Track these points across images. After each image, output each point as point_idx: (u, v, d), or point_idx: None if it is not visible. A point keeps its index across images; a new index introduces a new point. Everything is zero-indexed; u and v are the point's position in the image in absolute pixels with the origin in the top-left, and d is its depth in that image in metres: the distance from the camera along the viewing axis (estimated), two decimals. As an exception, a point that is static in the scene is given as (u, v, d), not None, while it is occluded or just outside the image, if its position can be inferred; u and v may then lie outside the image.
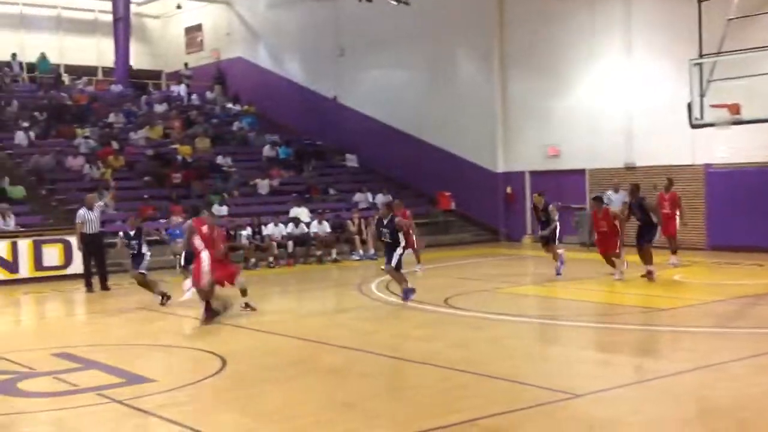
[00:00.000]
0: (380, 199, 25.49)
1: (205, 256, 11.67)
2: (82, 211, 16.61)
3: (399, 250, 13.08)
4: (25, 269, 18.24)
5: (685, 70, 18.02)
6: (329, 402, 7.63)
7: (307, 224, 21.62)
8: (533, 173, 24.80)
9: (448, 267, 18.99)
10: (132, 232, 14.47)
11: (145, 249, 14.49)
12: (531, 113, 24.55)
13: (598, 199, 15.74)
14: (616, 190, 19.88)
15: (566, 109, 23.52)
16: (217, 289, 12.09)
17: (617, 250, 15.05)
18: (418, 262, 17.67)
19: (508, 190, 25.02)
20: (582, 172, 23.45)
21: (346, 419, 7.04)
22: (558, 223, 16.30)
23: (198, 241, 11.78)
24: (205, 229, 11.90)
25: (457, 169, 25.84)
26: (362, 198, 25.14)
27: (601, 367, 9.10)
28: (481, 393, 7.77)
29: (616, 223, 15.10)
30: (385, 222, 13.11)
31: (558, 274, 15.87)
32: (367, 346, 10.07)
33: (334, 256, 21.15)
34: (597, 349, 10.11)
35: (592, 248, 17.44)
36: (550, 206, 16.48)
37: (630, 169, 22.12)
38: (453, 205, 25.66)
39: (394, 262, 13.05)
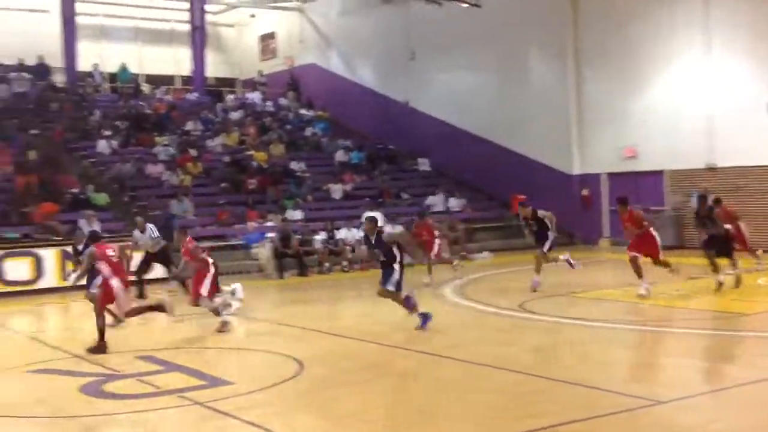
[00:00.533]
0: (453, 203, 25.47)
1: (115, 283, 10.80)
2: (136, 233, 17.10)
3: (396, 268, 11.24)
4: (109, 274, 18.76)
5: (767, 69, 17.53)
6: (405, 406, 7.65)
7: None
8: (610, 175, 24.40)
9: (522, 271, 18.74)
10: (80, 247, 14.12)
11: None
12: (606, 113, 24.16)
13: (622, 201, 14.45)
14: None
15: (643, 109, 23.08)
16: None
17: (660, 257, 13.81)
18: (429, 272, 16.71)
19: (584, 192, 24.66)
20: (660, 173, 22.97)
21: (421, 423, 7.05)
22: (553, 232, 15.17)
23: (104, 267, 10.84)
24: (110, 252, 11.02)
25: (530, 171, 25.58)
26: (435, 201, 25.12)
27: (682, 372, 8.89)
28: (558, 399, 7.68)
29: (646, 224, 13.98)
30: (372, 240, 11.30)
31: (535, 287, 14.76)
32: (442, 351, 10.04)
33: (407, 260, 21.13)
34: (677, 355, 9.88)
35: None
36: (539, 212, 15.28)
37: (711, 169, 21.57)
38: (527, 209, 25.39)
39: (392, 285, 11.22)
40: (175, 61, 34.80)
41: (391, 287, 11.25)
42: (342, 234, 21.08)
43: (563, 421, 6.81)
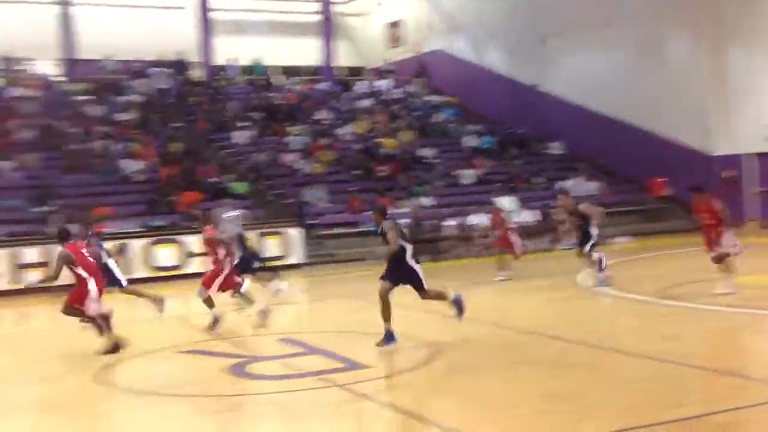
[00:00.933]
0: (589, 186, 24.89)
1: (92, 285, 10.17)
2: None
3: (416, 268, 9.75)
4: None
5: None
6: (545, 393, 7.55)
7: (512, 214, 21.50)
8: (753, 156, 23.24)
9: (662, 256, 18.19)
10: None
11: (107, 260, 12.86)
12: (750, 92, 23.02)
13: (697, 189, 13.13)
14: None
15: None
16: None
17: (720, 250, 12.44)
18: (509, 268, 15.90)
19: (727, 173, 23.58)
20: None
21: (563, 410, 6.94)
22: (595, 228, 13.99)
23: (80, 269, 10.16)
24: (85, 252, 10.43)
25: (668, 153, 24.69)
26: (570, 185, 24.61)
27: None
28: (702, 388, 7.42)
29: (721, 213, 12.50)
30: (379, 231, 9.85)
31: (600, 283, 13.86)
32: (581, 337, 9.86)
33: (540, 245, 20.89)
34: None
35: None
36: (582, 205, 14.15)
37: None
38: (666, 191, 24.55)
39: (425, 285, 9.73)
40: (306, 52, 35.48)
41: (426, 286, 9.77)
42: (473, 219, 21.00)
43: (709, 411, 6.57)
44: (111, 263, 12.88)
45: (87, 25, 29.91)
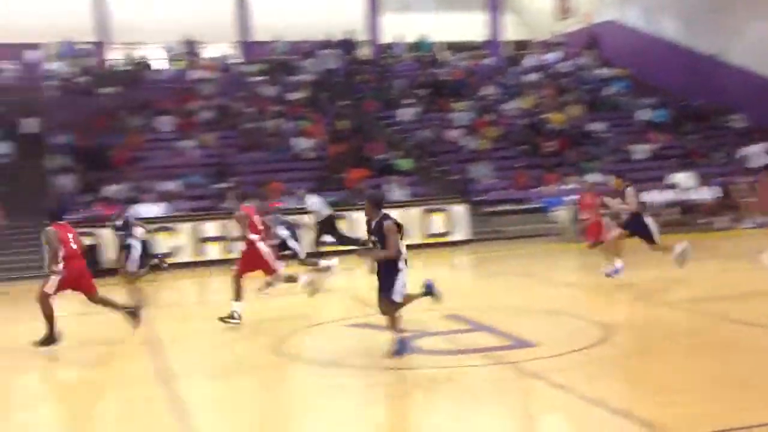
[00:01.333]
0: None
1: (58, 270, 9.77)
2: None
3: (401, 267, 8.33)
4: (416, 236, 19.64)
5: None
6: (722, 378, 7.14)
7: (690, 190, 20.53)
8: None
9: None
10: (119, 223, 13.52)
11: (131, 241, 13.29)
12: None
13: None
14: None
15: None
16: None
17: None
18: (618, 257, 13.24)
19: None
20: None
21: (741, 398, 6.53)
22: (645, 214, 12.63)
23: (61, 252, 9.80)
24: (71, 236, 9.94)
25: None
26: (753, 152, 23.17)
27: None
28: None
29: None
30: (373, 225, 8.43)
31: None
32: (759, 320, 9.25)
33: (721, 223, 19.82)
34: None
35: None
36: (628, 189, 12.62)
37: None
38: None
39: (399, 295, 8.32)
40: (472, 27, 35.15)
41: (398, 297, 8.37)
42: (647, 197, 20.17)
43: None
44: (136, 244, 13.31)
45: (261, 7, 31.00)
